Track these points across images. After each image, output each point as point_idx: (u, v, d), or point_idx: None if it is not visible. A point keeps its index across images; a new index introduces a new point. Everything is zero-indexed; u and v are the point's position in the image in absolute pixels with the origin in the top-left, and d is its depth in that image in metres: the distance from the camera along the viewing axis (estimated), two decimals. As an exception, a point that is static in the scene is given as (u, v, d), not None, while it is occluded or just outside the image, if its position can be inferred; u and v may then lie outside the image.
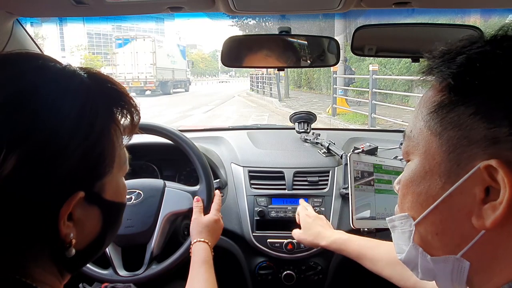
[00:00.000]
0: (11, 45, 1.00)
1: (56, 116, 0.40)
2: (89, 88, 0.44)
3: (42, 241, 0.42)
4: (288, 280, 1.22)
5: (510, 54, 0.36)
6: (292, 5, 1.00)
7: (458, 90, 0.39)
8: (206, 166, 1.09)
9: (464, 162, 0.38)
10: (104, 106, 0.45)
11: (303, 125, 1.55)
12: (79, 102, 0.42)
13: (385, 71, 10.54)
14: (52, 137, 0.39)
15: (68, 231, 0.42)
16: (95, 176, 0.44)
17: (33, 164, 0.38)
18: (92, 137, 0.42)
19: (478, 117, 0.37)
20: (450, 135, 0.39)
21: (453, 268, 0.41)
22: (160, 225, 1.05)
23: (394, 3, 0.91)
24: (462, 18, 7.35)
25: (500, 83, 0.36)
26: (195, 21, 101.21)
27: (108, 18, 16.18)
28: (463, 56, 0.38)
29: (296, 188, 1.28)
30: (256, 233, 1.24)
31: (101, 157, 0.44)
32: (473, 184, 0.37)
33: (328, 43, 1.13)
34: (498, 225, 0.36)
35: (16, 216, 0.39)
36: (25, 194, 0.39)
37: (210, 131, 1.75)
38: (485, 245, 0.38)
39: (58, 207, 0.41)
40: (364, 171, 1.11)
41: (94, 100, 0.44)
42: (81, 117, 0.42)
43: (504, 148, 0.35)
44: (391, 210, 1.12)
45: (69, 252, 0.44)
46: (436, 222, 0.41)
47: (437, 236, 0.42)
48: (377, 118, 7.34)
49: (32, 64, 0.43)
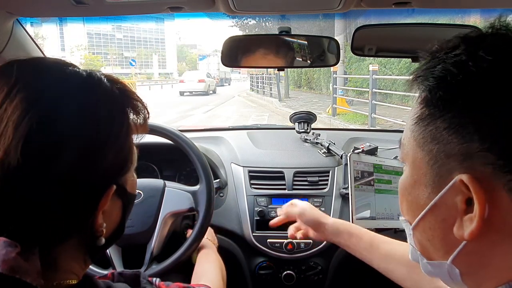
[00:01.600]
0: (11, 45, 1.00)
1: (95, 118, 0.45)
2: (113, 92, 0.48)
3: (77, 231, 0.46)
4: (288, 280, 1.22)
5: (483, 65, 0.35)
6: (292, 5, 1.00)
7: (434, 104, 0.39)
8: (206, 166, 1.09)
9: (445, 174, 0.38)
10: (123, 107, 0.49)
11: (303, 125, 1.55)
12: (109, 106, 0.47)
13: (385, 71, 10.54)
14: (93, 138, 0.44)
15: (102, 221, 0.47)
16: (123, 171, 0.49)
17: (81, 161, 0.42)
18: (122, 135, 0.47)
19: (451, 132, 0.37)
20: (430, 148, 0.40)
21: (448, 272, 0.41)
22: (160, 225, 1.05)
23: (394, 3, 0.91)
24: (462, 18, 7.34)
25: (471, 98, 0.36)
26: (195, 21, 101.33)
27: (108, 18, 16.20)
28: (441, 66, 0.38)
29: (296, 188, 1.28)
30: (256, 233, 1.24)
31: (128, 154, 0.49)
32: (454, 195, 0.38)
33: (328, 43, 1.13)
34: (475, 237, 0.36)
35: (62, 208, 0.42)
36: (74, 188, 0.43)
37: (210, 131, 1.75)
38: (469, 255, 0.39)
39: (98, 200, 0.46)
40: (364, 171, 1.11)
41: (118, 102, 0.49)
42: (113, 119, 0.47)
43: (477, 163, 0.36)
44: (391, 210, 1.12)
45: (100, 241, 0.48)
46: (426, 230, 0.42)
47: (429, 242, 0.43)
48: (377, 118, 7.34)
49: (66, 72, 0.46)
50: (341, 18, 11.31)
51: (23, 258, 0.39)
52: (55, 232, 0.43)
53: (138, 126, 0.51)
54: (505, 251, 0.37)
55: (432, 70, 0.39)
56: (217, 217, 1.22)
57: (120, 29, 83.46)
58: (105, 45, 78.21)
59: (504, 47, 0.36)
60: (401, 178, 0.46)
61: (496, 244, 0.37)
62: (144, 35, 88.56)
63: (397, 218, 1.11)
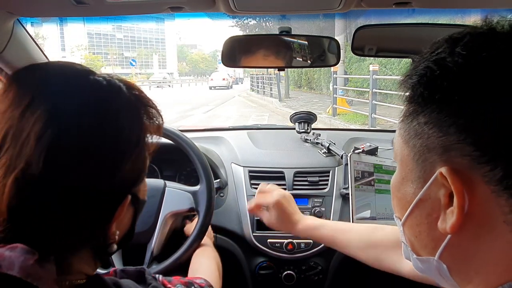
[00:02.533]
0: (11, 45, 1.00)
1: (115, 129, 0.45)
2: (131, 99, 0.48)
3: (95, 240, 0.47)
4: (288, 280, 1.22)
5: (459, 61, 0.36)
6: (292, 5, 1.00)
7: (415, 100, 0.41)
8: (206, 166, 1.09)
9: (429, 168, 0.39)
10: (141, 114, 0.49)
11: (303, 125, 1.55)
12: (128, 116, 0.47)
13: (385, 71, 10.54)
14: (113, 149, 0.44)
15: (115, 229, 0.48)
16: (138, 181, 0.50)
17: (100, 172, 0.43)
18: (139, 145, 0.48)
19: (431, 126, 0.38)
20: (414, 143, 0.41)
21: (437, 268, 0.42)
22: (161, 225, 1.05)
23: (395, 3, 0.91)
24: (462, 18, 7.33)
25: (447, 92, 0.37)
26: (195, 21, 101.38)
27: (108, 18, 16.20)
28: (423, 64, 0.39)
29: (296, 188, 1.28)
30: (256, 233, 1.24)
31: (144, 163, 0.50)
32: (437, 189, 0.38)
33: (328, 43, 1.13)
34: (457, 229, 0.37)
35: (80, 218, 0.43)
36: (94, 199, 0.43)
37: (210, 131, 1.75)
38: (454, 249, 0.39)
39: (115, 210, 0.47)
40: (365, 171, 1.11)
41: (136, 111, 0.48)
42: (132, 129, 0.47)
43: (454, 155, 0.37)
44: (391, 210, 1.12)
45: (112, 248, 0.49)
46: (413, 226, 0.43)
47: (416, 238, 0.43)
48: (378, 118, 7.33)
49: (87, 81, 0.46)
50: (341, 18, 11.32)
51: (39, 265, 0.40)
52: (72, 241, 0.44)
53: (152, 133, 0.51)
54: (488, 244, 0.37)
55: (416, 69, 0.40)
56: (217, 217, 1.22)
57: (120, 29, 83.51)
58: (105, 45, 78.23)
59: (479, 43, 0.37)
60: (393, 177, 0.47)
61: (479, 237, 0.37)
62: (144, 35, 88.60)
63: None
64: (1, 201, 0.40)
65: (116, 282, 0.48)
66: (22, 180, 0.40)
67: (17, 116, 0.41)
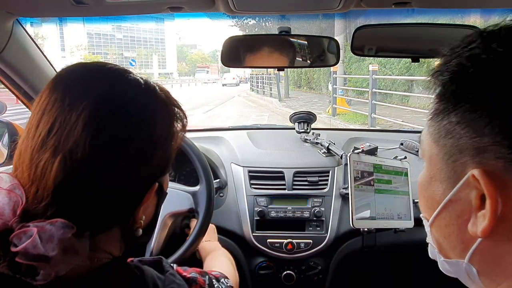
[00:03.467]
0: (11, 45, 1.00)
1: (151, 122, 0.50)
2: (163, 99, 0.53)
3: (122, 222, 0.51)
4: (288, 280, 1.22)
5: (495, 58, 0.35)
6: (292, 5, 1.00)
7: (447, 98, 0.39)
8: (206, 166, 1.09)
9: (459, 169, 0.38)
10: (171, 112, 0.54)
11: (303, 125, 1.55)
12: (162, 111, 0.52)
13: (385, 71, 10.54)
14: (148, 139, 0.49)
15: (142, 214, 0.52)
16: (166, 171, 0.54)
17: (136, 159, 0.47)
18: (169, 138, 0.52)
19: (463, 126, 0.37)
20: (444, 143, 0.39)
21: (466, 271, 0.41)
22: (160, 226, 1.05)
23: (394, 3, 0.91)
24: (462, 18, 7.34)
25: (481, 91, 0.36)
26: (195, 21, 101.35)
27: (108, 18, 16.23)
28: (456, 60, 0.38)
29: (296, 188, 1.28)
30: (256, 233, 1.24)
31: (170, 156, 0.54)
32: (469, 191, 0.37)
33: (328, 43, 1.13)
34: (488, 233, 0.36)
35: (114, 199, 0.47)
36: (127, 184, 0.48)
37: (210, 131, 1.75)
38: (484, 252, 0.38)
39: (144, 195, 0.51)
40: (364, 171, 1.11)
41: (168, 108, 0.53)
42: (165, 123, 0.52)
43: (488, 157, 0.35)
44: (391, 210, 1.12)
45: (137, 232, 0.54)
46: (442, 227, 0.42)
47: (445, 239, 0.42)
48: (377, 118, 7.34)
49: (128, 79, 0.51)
50: (341, 18, 11.31)
51: (76, 239, 0.43)
52: (104, 220, 0.48)
53: (178, 130, 0.55)
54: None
55: (448, 65, 0.39)
56: (217, 217, 1.22)
57: (120, 29, 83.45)
58: (105, 45, 78.21)
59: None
60: (420, 175, 0.46)
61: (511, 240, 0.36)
62: (144, 35, 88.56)
63: (397, 218, 1.11)
64: (48, 178, 0.44)
65: (139, 267, 0.52)
66: (69, 160, 0.44)
67: (66, 105, 0.45)
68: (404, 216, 1.12)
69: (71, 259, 0.43)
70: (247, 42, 1.14)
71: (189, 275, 0.61)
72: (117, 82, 0.50)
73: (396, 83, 10.42)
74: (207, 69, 74.25)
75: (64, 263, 0.42)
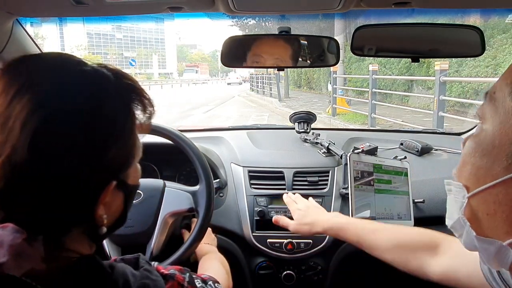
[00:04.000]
0: (11, 45, 1.00)
1: (99, 117, 0.45)
2: (117, 87, 0.49)
3: (82, 222, 0.49)
4: (288, 280, 1.22)
5: None
6: (292, 5, 1.00)
7: None
8: (206, 166, 1.09)
9: None
10: (129, 102, 0.50)
11: (303, 125, 1.55)
12: (113, 104, 0.47)
13: (385, 71, 10.54)
14: (97, 136, 0.45)
15: (102, 213, 0.49)
16: (124, 167, 0.51)
17: (84, 158, 0.44)
18: (125, 133, 0.49)
19: None
20: None
21: (497, 252, 0.38)
22: (160, 225, 1.05)
23: (394, 3, 0.91)
24: (462, 18, 7.35)
25: None
26: (195, 21, 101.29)
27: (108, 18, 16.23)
28: None
29: (296, 188, 1.28)
30: (256, 233, 1.23)
31: (132, 150, 0.51)
32: None
33: (328, 43, 1.13)
34: None
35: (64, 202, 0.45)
36: (78, 184, 0.45)
37: (210, 131, 1.75)
38: None
39: (99, 194, 0.47)
40: (364, 171, 1.11)
41: (123, 98, 0.49)
42: (116, 117, 0.47)
43: None
44: (391, 210, 1.12)
45: (101, 230, 0.51)
46: (489, 202, 0.38)
47: (487, 216, 0.39)
48: (377, 118, 7.34)
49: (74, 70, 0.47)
50: (341, 18, 11.32)
51: (28, 244, 0.42)
52: (59, 223, 0.46)
53: (143, 123, 0.52)
54: None
55: None
56: (217, 217, 1.22)
57: (120, 29, 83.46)
58: (105, 45, 78.21)
59: None
60: (474, 138, 0.41)
61: None
62: (144, 35, 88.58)
63: (397, 218, 1.11)
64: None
65: (112, 265, 0.50)
66: (8, 166, 0.41)
67: (5, 104, 0.42)
68: (404, 216, 1.12)
69: (23, 263, 0.41)
70: (247, 42, 1.14)
71: (167, 272, 0.59)
72: (62, 75, 0.46)
73: (396, 83, 10.42)
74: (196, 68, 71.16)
75: (16, 268, 0.41)
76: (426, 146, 1.45)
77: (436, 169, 1.35)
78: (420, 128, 3.83)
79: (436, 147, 1.49)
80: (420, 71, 9.40)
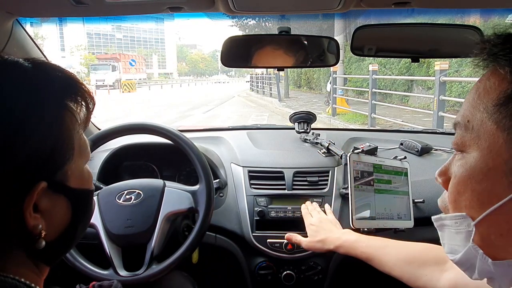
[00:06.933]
0: (10, 45, 1.00)
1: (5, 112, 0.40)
2: (33, 78, 0.44)
3: (11, 235, 0.42)
4: (288, 280, 1.22)
5: None
6: (292, 5, 1.00)
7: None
8: (206, 166, 1.09)
9: None
10: (53, 95, 0.45)
11: (302, 125, 1.55)
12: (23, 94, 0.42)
13: (385, 71, 10.55)
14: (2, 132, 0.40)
15: (36, 222, 0.42)
16: (54, 165, 0.44)
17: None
18: (42, 127, 0.42)
19: None
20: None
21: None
22: (160, 225, 1.05)
23: (394, 3, 0.91)
24: (462, 18, 7.35)
25: None
26: (195, 21, 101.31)
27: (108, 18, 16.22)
28: None
29: (296, 188, 1.28)
30: (256, 233, 1.23)
31: (57, 146, 0.44)
32: None
33: (327, 43, 1.13)
34: None
35: None
36: None
37: (209, 131, 1.75)
38: None
39: (21, 199, 0.41)
40: (364, 171, 1.11)
41: (41, 90, 0.44)
42: (27, 109, 0.42)
43: None
44: (391, 210, 1.12)
45: (39, 244, 0.43)
46: (500, 223, 0.38)
47: (501, 237, 0.38)
48: (377, 118, 7.34)
49: None
50: (341, 18, 11.32)
51: None
52: None
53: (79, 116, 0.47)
54: None
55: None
56: (217, 217, 1.22)
57: (120, 29, 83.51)
58: (105, 45, 78.22)
59: None
60: (463, 168, 0.41)
61: None
62: (144, 35, 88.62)
63: (396, 218, 1.11)
64: None
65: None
66: None
67: None
68: (404, 216, 1.12)
69: None
70: (246, 42, 1.14)
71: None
72: None
73: (396, 83, 10.42)
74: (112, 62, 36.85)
75: None
76: (426, 146, 1.45)
77: (436, 169, 1.34)
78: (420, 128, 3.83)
79: (436, 147, 1.49)
80: (420, 71, 9.41)
